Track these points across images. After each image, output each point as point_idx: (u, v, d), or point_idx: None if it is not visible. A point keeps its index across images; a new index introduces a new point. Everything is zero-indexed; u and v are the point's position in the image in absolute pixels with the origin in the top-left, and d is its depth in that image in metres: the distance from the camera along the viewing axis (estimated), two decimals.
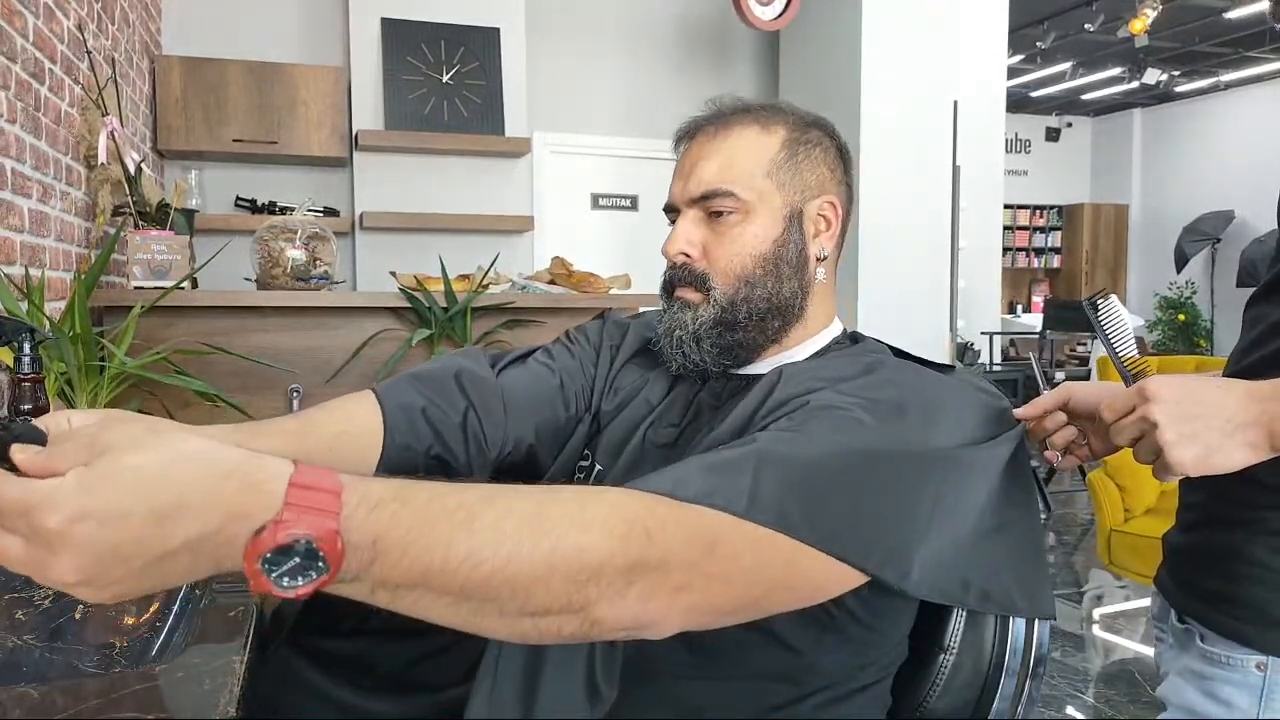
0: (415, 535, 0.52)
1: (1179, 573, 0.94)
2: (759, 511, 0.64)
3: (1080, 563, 4.13)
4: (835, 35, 4.39)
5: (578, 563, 0.56)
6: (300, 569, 0.48)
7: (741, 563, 0.64)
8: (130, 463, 0.47)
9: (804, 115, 0.96)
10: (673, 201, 0.96)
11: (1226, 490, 0.86)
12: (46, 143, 2.02)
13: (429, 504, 0.54)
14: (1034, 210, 10.52)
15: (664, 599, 0.60)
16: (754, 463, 0.67)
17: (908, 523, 0.71)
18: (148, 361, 1.85)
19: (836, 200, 0.94)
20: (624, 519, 0.59)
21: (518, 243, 4.18)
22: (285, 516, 0.48)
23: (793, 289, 0.92)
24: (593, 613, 0.58)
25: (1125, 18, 6.18)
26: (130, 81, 3.08)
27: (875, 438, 0.73)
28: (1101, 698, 2.69)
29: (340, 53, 4.02)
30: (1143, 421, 0.77)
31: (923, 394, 0.78)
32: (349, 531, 0.50)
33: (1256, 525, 0.85)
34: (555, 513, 0.58)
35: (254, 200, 3.91)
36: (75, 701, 0.70)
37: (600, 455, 0.98)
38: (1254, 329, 0.88)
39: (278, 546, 0.48)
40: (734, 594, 0.64)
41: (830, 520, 0.67)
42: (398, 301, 2.50)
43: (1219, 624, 0.87)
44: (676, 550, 0.60)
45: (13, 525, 0.46)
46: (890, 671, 0.90)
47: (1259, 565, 0.85)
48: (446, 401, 0.91)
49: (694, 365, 0.93)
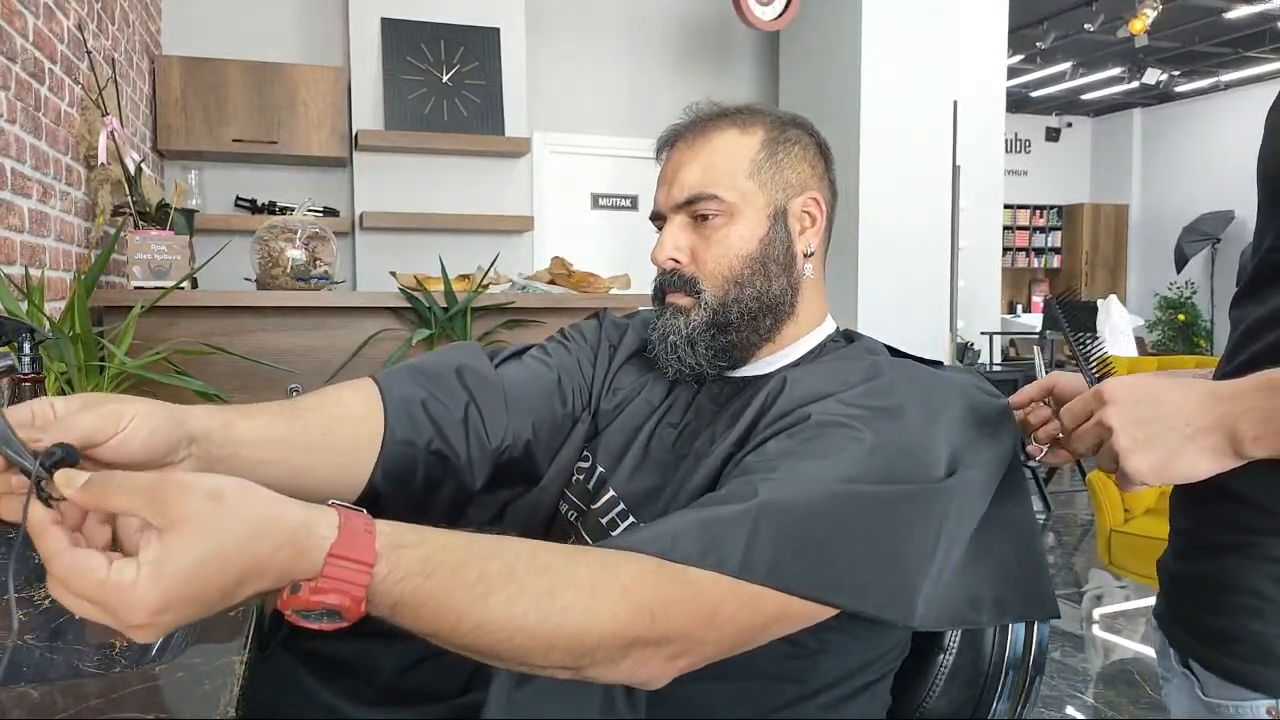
0: (432, 607, 0.57)
1: (1177, 607, 0.85)
2: (752, 571, 0.67)
3: (1080, 563, 4.13)
4: (835, 35, 4.39)
5: (580, 642, 0.61)
6: (321, 618, 0.55)
7: (738, 622, 0.67)
8: (197, 554, 0.51)
9: (782, 115, 0.97)
10: (658, 209, 0.97)
11: (1214, 512, 0.80)
12: (46, 143, 2.02)
13: (451, 577, 0.57)
14: (1034, 210, 10.52)
15: (658, 665, 0.65)
16: (752, 518, 0.69)
17: (910, 561, 0.72)
18: (148, 361, 1.85)
19: (820, 196, 0.95)
20: (631, 604, 0.62)
21: (518, 243, 4.18)
22: (320, 585, 0.54)
23: (782, 287, 0.93)
24: (587, 674, 0.63)
25: (1125, 18, 6.18)
26: (130, 81, 3.08)
27: (877, 465, 0.74)
28: (1101, 698, 2.69)
29: (340, 53, 4.02)
30: (1100, 427, 0.72)
31: (924, 402, 0.79)
32: (373, 596, 0.55)
33: (1249, 551, 0.76)
34: (567, 596, 0.61)
35: (254, 200, 3.91)
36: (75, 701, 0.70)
37: (601, 457, 0.97)
38: (1236, 330, 0.82)
39: (308, 608, 0.54)
40: (727, 648, 0.68)
41: (828, 568, 0.69)
42: (398, 301, 2.50)
43: (1221, 665, 0.78)
44: (676, 626, 0.64)
45: (93, 602, 0.51)
46: (892, 669, 0.90)
47: (1256, 596, 0.75)
48: (447, 395, 0.90)
49: (690, 369, 0.94)
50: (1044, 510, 4.81)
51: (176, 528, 0.51)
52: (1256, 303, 0.79)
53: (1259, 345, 0.77)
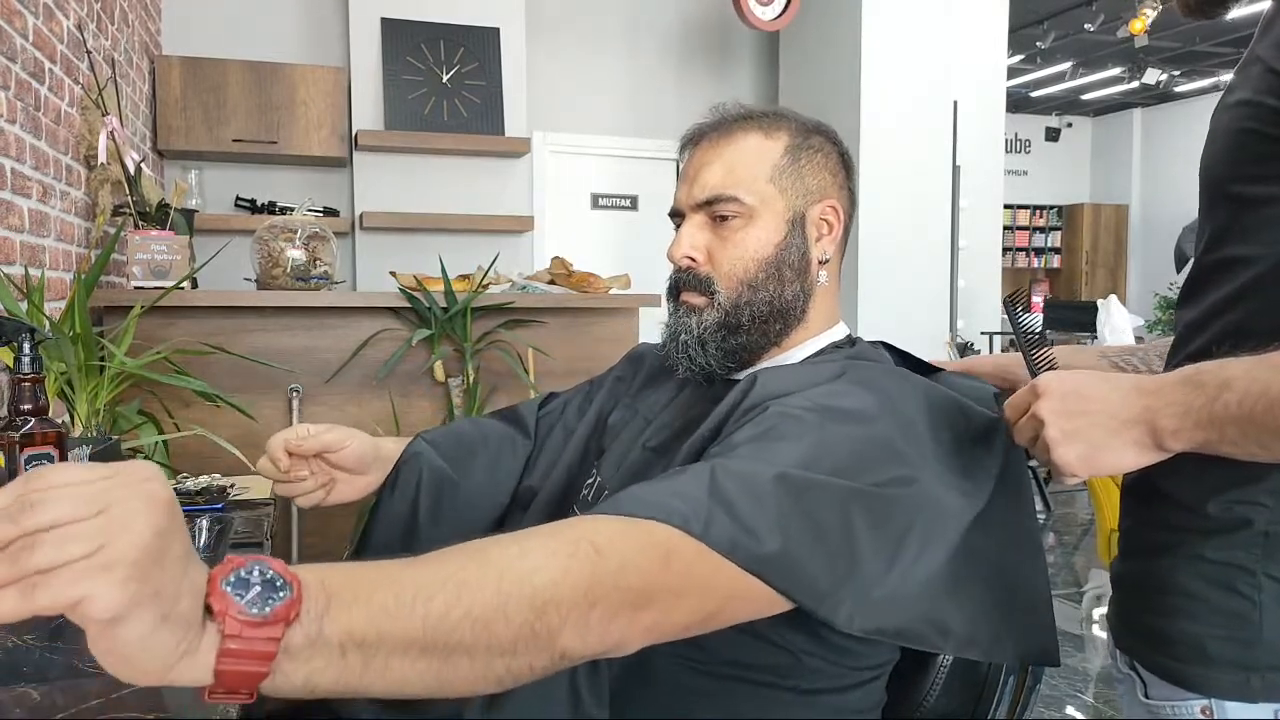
0: (359, 576, 0.53)
1: (1120, 608, 0.86)
2: (696, 527, 0.64)
3: (1080, 563, 4.13)
4: (835, 35, 4.39)
5: (530, 586, 0.56)
6: (263, 595, 0.48)
7: (695, 574, 0.64)
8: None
9: (806, 121, 0.98)
10: (677, 206, 0.98)
11: (1148, 512, 0.81)
12: (46, 143, 2.02)
13: (360, 565, 0.55)
14: (1034, 210, 10.52)
15: (625, 617, 0.60)
16: (705, 484, 0.68)
17: (849, 559, 0.69)
18: (148, 361, 1.85)
19: (838, 204, 0.96)
20: (566, 540, 0.60)
21: (518, 243, 4.18)
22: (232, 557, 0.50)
23: (795, 292, 0.93)
24: (559, 642, 0.57)
25: (1125, 18, 6.18)
26: (130, 81, 3.08)
27: (824, 458, 0.72)
28: (1101, 698, 2.69)
29: (340, 53, 4.02)
30: (1034, 419, 0.74)
31: (890, 408, 0.78)
32: (296, 569, 0.50)
33: (1178, 550, 0.78)
34: (494, 550, 0.58)
35: (254, 200, 3.91)
36: (75, 701, 0.70)
37: (605, 470, 1.01)
38: (1176, 330, 0.85)
39: (236, 566, 0.49)
40: (691, 607, 0.64)
41: (762, 542, 0.66)
42: (398, 301, 2.50)
43: (1160, 666, 0.79)
44: (631, 559, 0.61)
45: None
46: (884, 669, 0.89)
47: (1185, 595, 0.77)
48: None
49: (699, 368, 0.95)
50: (1044, 510, 4.81)
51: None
52: (1190, 306, 0.82)
53: (1192, 346, 0.79)
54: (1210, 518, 0.76)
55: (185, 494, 1.26)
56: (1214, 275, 0.79)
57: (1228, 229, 0.78)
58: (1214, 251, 0.79)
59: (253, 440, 2.34)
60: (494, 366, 2.61)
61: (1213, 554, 0.76)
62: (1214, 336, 0.77)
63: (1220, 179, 0.79)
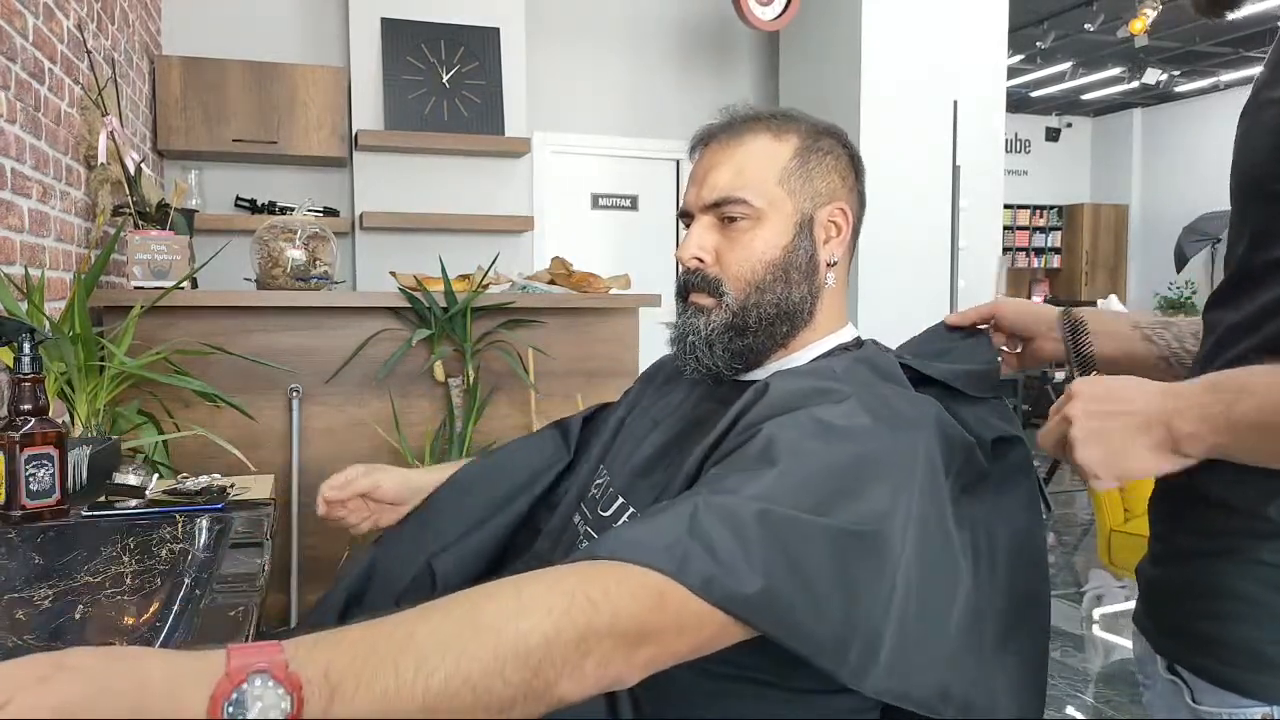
0: (362, 660, 0.53)
1: (1161, 613, 0.84)
2: (688, 573, 0.64)
3: (1080, 563, 4.13)
4: (835, 35, 4.39)
5: (524, 647, 0.57)
6: (265, 711, 0.49)
7: (690, 611, 0.64)
8: None
9: (817, 123, 0.98)
10: (687, 207, 0.98)
11: (1193, 517, 0.79)
12: (46, 143, 2.02)
13: (365, 633, 0.55)
14: (1034, 210, 10.51)
15: (622, 659, 0.61)
16: (688, 517, 0.67)
17: (849, 606, 0.69)
18: (147, 361, 1.85)
19: (847, 207, 0.96)
20: (562, 593, 0.60)
21: (518, 243, 4.18)
22: (233, 663, 0.50)
23: (802, 294, 0.94)
24: (556, 693, 0.58)
25: (1125, 18, 6.18)
26: (130, 81, 3.08)
27: (813, 489, 0.71)
28: (1101, 698, 2.69)
29: (340, 53, 4.02)
30: (1063, 420, 0.74)
31: (896, 434, 0.78)
32: (298, 664, 0.51)
33: (1234, 555, 0.76)
34: (490, 609, 0.58)
35: (254, 200, 3.91)
36: None
37: (613, 470, 1.02)
38: (1212, 334, 0.81)
39: (237, 685, 0.49)
40: (689, 640, 0.65)
41: (752, 577, 0.65)
42: (398, 301, 2.50)
43: (1213, 672, 0.77)
44: (624, 606, 0.61)
45: None
46: None
47: (1244, 600, 0.75)
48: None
49: (707, 369, 0.95)
50: (1044, 510, 4.80)
51: None
52: (1232, 308, 0.79)
53: (1233, 352, 0.77)
54: (1271, 521, 0.74)
55: (185, 494, 1.26)
56: (1265, 276, 0.75)
57: (1273, 229, 0.75)
58: (1262, 252, 0.76)
59: (253, 440, 2.35)
60: (494, 366, 2.61)
61: (1271, 557, 0.74)
62: (1266, 339, 0.75)
63: (1261, 178, 0.77)
